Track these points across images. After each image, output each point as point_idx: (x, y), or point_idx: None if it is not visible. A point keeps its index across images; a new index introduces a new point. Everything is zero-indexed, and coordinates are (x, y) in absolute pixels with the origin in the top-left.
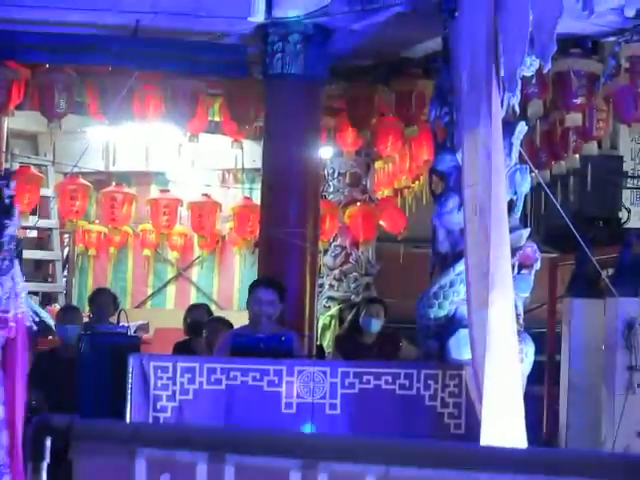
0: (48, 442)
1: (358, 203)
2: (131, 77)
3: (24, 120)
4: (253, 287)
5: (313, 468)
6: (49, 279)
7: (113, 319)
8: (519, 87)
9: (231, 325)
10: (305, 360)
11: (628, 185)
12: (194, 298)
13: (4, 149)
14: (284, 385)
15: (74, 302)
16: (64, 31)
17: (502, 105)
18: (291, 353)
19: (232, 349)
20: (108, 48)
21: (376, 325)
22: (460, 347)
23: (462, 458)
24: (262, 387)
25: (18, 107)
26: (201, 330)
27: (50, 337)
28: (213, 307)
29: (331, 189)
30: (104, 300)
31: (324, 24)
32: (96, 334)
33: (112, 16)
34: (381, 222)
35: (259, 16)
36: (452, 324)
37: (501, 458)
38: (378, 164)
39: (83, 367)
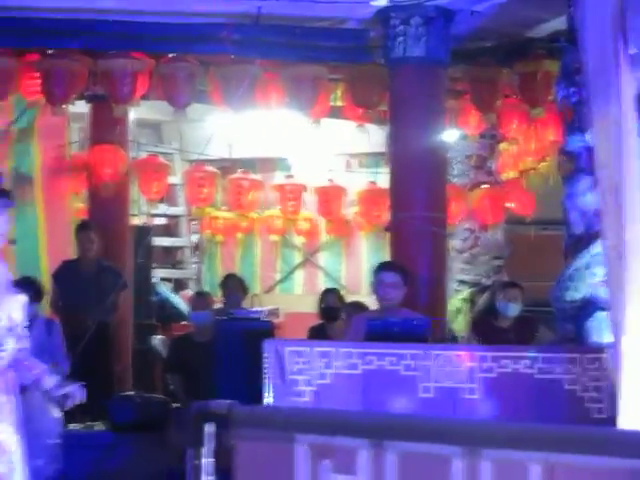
0: (208, 428)
1: (484, 186)
2: (253, 65)
3: (148, 109)
4: (377, 271)
5: (476, 455)
6: (179, 265)
7: (244, 304)
8: None
9: (367, 309)
10: (442, 344)
11: None
12: (322, 283)
13: (130, 138)
14: (421, 369)
15: (205, 288)
16: (187, 21)
17: (633, 84)
18: (424, 337)
19: (366, 333)
20: (230, 37)
21: (514, 309)
22: (599, 330)
23: (626, 445)
24: (399, 371)
25: (143, 97)
26: (335, 315)
27: (183, 323)
28: (342, 292)
29: (456, 172)
30: (235, 285)
31: (445, 6)
32: (231, 319)
33: (234, 5)
34: (509, 204)
35: (381, 0)
36: (589, 306)
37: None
38: (503, 146)
39: (218, 352)
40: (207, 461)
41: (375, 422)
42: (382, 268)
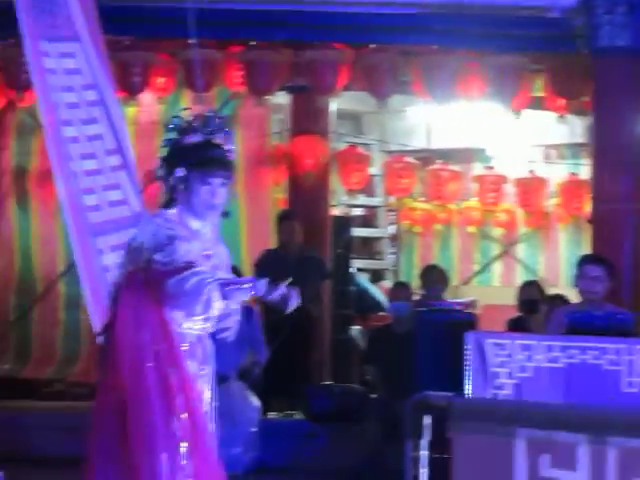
0: (427, 420)
1: None
2: (456, 55)
3: (349, 100)
4: (580, 264)
5: None
6: (376, 256)
7: (444, 296)
8: None
9: (567, 302)
10: None
11: None
12: (520, 275)
13: (331, 129)
14: (624, 364)
15: (401, 279)
16: (388, 11)
17: None
18: (628, 332)
19: (568, 326)
20: (433, 27)
21: None
22: None
23: None
24: (601, 366)
25: (344, 88)
26: (535, 307)
27: (382, 314)
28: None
29: None
30: (436, 276)
31: None
32: (432, 310)
33: None
34: None
35: None
36: None
37: None
38: None
39: (418, 343)
40: (424, 453)
41: (596, 417)
42: (586, 261)
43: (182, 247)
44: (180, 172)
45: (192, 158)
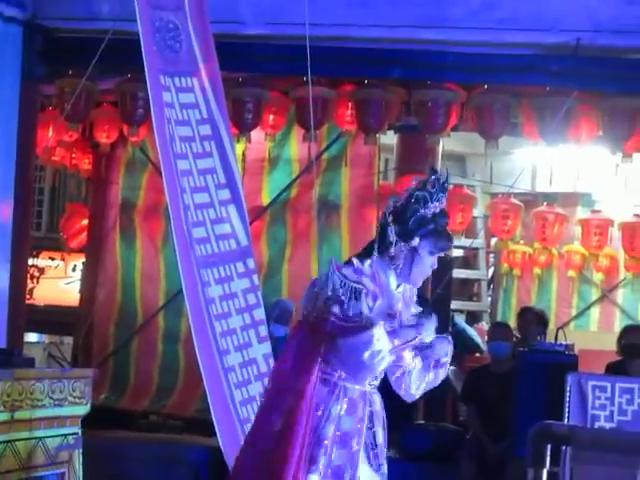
0: (548, 449)
1: None
2: (569, 97)
3: (455, 141)
4: None
5: None
6: (474, 298)
7: (542, 338)
8: None
9: None
10: None
11: None
12: (619, 320)
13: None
14: None
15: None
16: (502, 52)
17: None
18: None
19: None
20: (547, 67)
21: None
22: None
23: None
24: None
25: (453, 128)
26: (637, 352)
27: (478, 354)
28: None
29: None
30: (533, 318)
31: None
32: (533, 351)
33: (552, 35)
34: None
35: None
36: None
37: None
38: None
39: (519, 383)
40: None
41: None
42: None
43: (366, 303)
44: (414, 242)
45: (428, 229)
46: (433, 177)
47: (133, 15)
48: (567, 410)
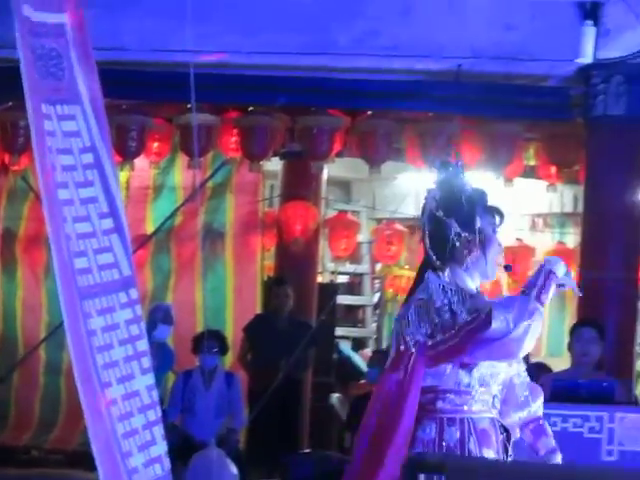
0: (422, 478)
1: None
2: (451, 122)
3: (340, 167)
4: (575, 327)
5: None
6: (360, 324)
7: None
8: None
9: (550, 370)
10: (628, 407)
11: None
12: None
13: (322, 196)
14: (605, 432)
15: (383, 346)
16: (385, 78)
17: None
18: (612, 399)
19: (552, 393)
20: (429, 94)
21: None
22: None
23: None
24: (582, 433)
25: (337, 154)
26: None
27: (364, 381)
28: None
29: None
30: None
31: None
32: None
33: (434, 62)
34: None
35: (586, 58)
36: None
37: None
38: None
39: None
40: None
41: (575, 474)
42: (581, 324)
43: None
44: (478, 224)
45: (481, 205)
46: (450, 162)
47: (13, 42)
48: None
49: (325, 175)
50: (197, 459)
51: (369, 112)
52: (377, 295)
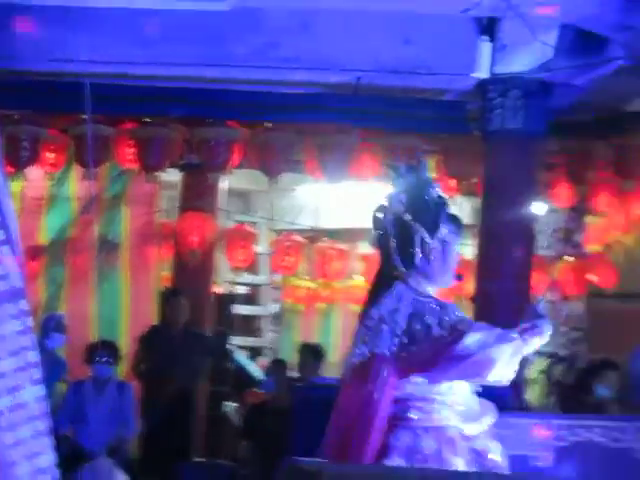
0: None
1: (568, 258)
2: (351, 135)
3: (239, 178)
4: None
5: None
6: (257, 334)
7: (321, 372)
8: None
9: None
10: (516, 412)
11: None
12: None
13: (220, 207)
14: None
15: (282, 356)
16: (285, 90)
17: None
18: (504, 406)
19: None
20: (329, 106)
21: (610, 394)
22: None
23: None
24: None
25: (236, 166)
26: None
27: (258, 390)
28: None
29: (544, 244)
30: (311, 354)
31: (544, 79)
32: (309, 386)
33: (333, 74)
34: (591, 277)
35: (482, 72)
36: None
37: None
38: (590, 219)
39: (296, 419)
40: None
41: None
42: None
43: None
44: (443, 232)
45: (446, 212)
46: (412, 165)
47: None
48: None
49: (225, 186)
50: (87, 470)
51: (268, 124)
52: (276, 306)
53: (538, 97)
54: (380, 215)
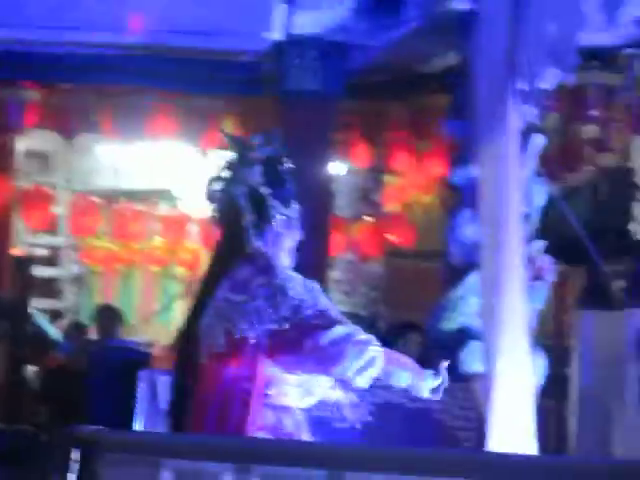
0: (74, 453)
1: (368, 218)
2: (147, 96)
3: (37, 139)
4: None
5: (338, 478)
6: (57, 296)
7: (120, 335)
8: (538, 100)
9: None
10: None
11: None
12: None
13: (17, 168)
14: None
15: (82, 319)
16: (80, 51)
17: (520, 118)
18: None
19: None
20: (125, 67)
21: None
22: (472, 359)
23: (473, 465)
24: None
25: (33, 126)
26: None
27: (57, 353)
28: None
29: (342, 204)
30: (110, 315)
31: (340, 40)
32: (106, 349)
33: (129, 36)
34: (390, 236)
35: (276, 34)
36: (464, 336)
37: (513, 465)
38: (389, 179)
39: (92, 382)
40: None
41: (240, 447)
42: None
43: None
44: (294, 206)
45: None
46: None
47: None
48: (139, 407)
49: (23, 148)
50: None
51: (64, 85)
52: (76, 268)
53: (334, 58)
54: (217, 187)
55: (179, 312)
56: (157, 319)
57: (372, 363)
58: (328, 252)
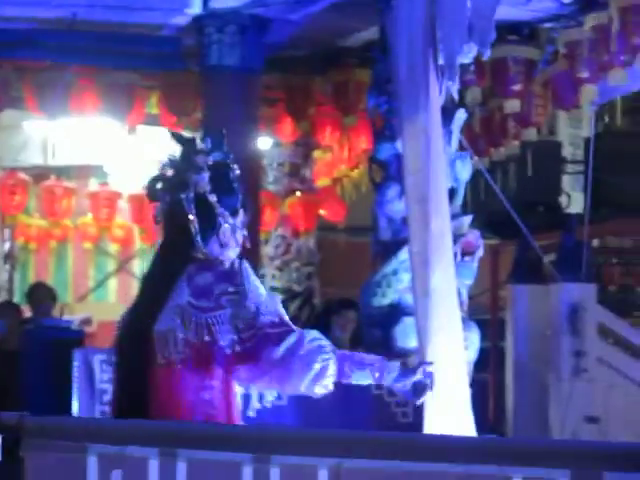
0: None
1: (298, 193)
2: (67, 71)
3: None
4: None
5: (265, 462)
6: None
7: (54, 313)
8: (458, 74)
9: None
10: None
11: (567, 170)
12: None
13: None
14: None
15: (16, 297)
16: (1, 26)
17: (441, 93)
18: None
19: None
20: (44, 42)
21: (343, 334)
22: (406, 335)
23: (415, 448)
24: None
25: None
26: None
27: None
28: None
29: (271, 179)
30: (42, 294)
31: (261, 15)
32: (39, 328)
33: (48, 10)
34: (321, 211)
35: (196, 8)
36: (396, 312)
37: (454, 447)
38: (317, 154)
39: (26, 361)
40: None
41: (165, 431)
42: None
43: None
44: (241, 212)
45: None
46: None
47: None
48: (75, 386)
49: None
50: None
51: None
52: (7, 245)
53: (254, 32)
54: (160, 187)
55: (113, 289)
56: (93, 296)
57: (324, 372)
58: (260, 228)
